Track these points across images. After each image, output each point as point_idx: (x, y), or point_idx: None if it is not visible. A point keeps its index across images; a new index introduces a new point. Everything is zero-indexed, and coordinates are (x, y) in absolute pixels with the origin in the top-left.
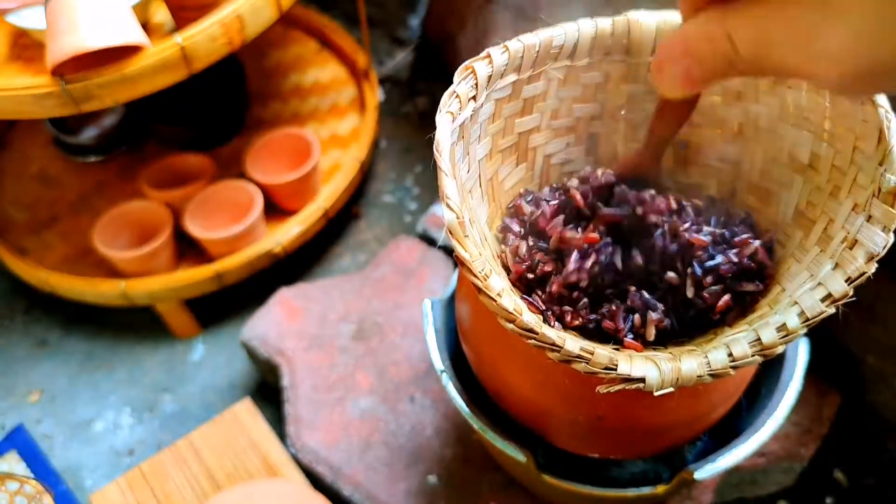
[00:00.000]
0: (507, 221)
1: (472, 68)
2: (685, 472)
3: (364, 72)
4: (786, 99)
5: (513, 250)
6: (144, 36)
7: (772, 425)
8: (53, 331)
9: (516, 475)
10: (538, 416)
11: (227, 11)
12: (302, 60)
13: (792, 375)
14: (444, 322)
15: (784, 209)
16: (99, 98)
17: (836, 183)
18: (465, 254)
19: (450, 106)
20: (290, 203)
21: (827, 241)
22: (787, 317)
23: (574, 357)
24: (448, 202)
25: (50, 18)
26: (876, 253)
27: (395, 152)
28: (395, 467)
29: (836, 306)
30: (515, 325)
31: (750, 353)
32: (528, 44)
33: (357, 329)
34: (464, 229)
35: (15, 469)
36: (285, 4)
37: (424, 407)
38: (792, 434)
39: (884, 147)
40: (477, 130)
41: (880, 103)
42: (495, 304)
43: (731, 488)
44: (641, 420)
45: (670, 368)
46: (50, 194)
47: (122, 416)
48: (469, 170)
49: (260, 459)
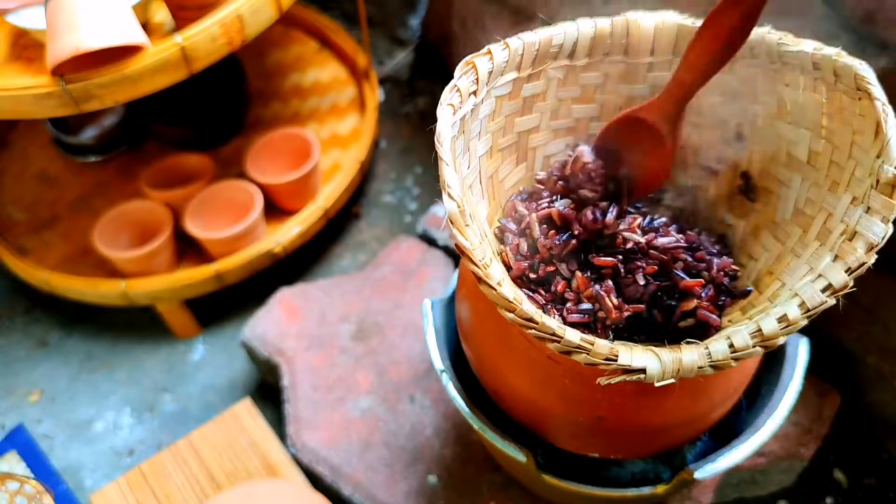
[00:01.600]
0: (503, 222)
1: (472, 63)
2: (685, 472)
3: (364, 72)
4: (783, 97)
5: (513, 248)
6: (144, 36)
7: (772, 425)
8: (53, 331)
9: (516, 475)
10: (538, 416)
11: (227, 11)
12: (302, 60)
13: (792, 375)
14: (444, 322)
15: (783, 207)
16: (99, 98)
17: (835, 178)
18: (465, 242)
19: (451, 99)
20: (290, 203)
21: (826, 235)
22: (787, 308)
23: (574, 347)
24: (449, 191)
25: (50, 18)
26: (876, 243)
27: (395, 152)
28: (395, 467)
29: (836, 297)
30: (515, 315)
31: (751, 343)
32: (528, 42)
33: (357, 329)
34: (464, 218)
35: (15, 469)
36: (285, 4)
37: (424, 407)
38: (792, 434)
39: (881, 139)
40: (477, 127)
41: (877, 96)
42: (496, 293)
43: (731, 488)
44: (641, 420)
45: (671, 359)
46: (50, 194)
47: (122, 416)
48: (469, 165)
49: (260, 459)
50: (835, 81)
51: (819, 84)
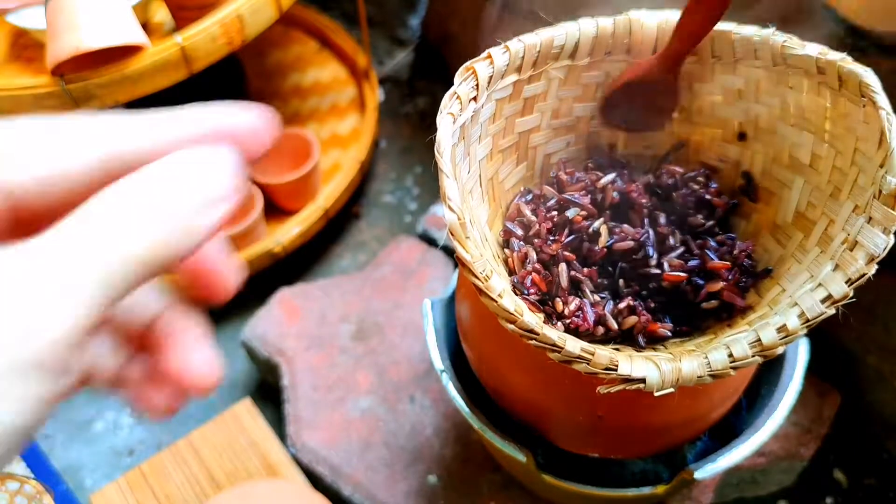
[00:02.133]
0: (508, 226)
1: (472, 69)
2: (685, 472)
3: (364, 72)
4: (786, 99)
5: (521, 257)
6: (144, 36)
7: (772, 425)
8: None
9: (516, 475)
10: (539, 416)
11: (227, 11)
12: (302, 60)
13: (792, 375)
14: (444, 322)
15: (784, 210)
16: (99, 98)
17: (837, 184)
18: (466, 255)
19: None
20: (290, 203)
21: (827, 242)
22: (787, 318)
23: (574, 358)
24: (449, 203)
25: (50, 18)
26: (876, 254)
27: (395, 152)
28: (395, 467)
29: (836, 307)
30: (516, 326)
31: (750, 353)
32: (528, 44)
33: (357, 329)
34: (465, 230)
35: (15, 469)
36: (285, 4)
37: (424, 407)
38: (792, 434)
39: (885, 149)
40: (478, 131)
41: (881, 105)
42: (496, 304)
43: (731, 488)
44: (642, 420)
45: (670, 369)
46: None
47: (122, 416)
48: (470, 170)
49: (260, 459)
50: (839, 87)
51: (823, 88)
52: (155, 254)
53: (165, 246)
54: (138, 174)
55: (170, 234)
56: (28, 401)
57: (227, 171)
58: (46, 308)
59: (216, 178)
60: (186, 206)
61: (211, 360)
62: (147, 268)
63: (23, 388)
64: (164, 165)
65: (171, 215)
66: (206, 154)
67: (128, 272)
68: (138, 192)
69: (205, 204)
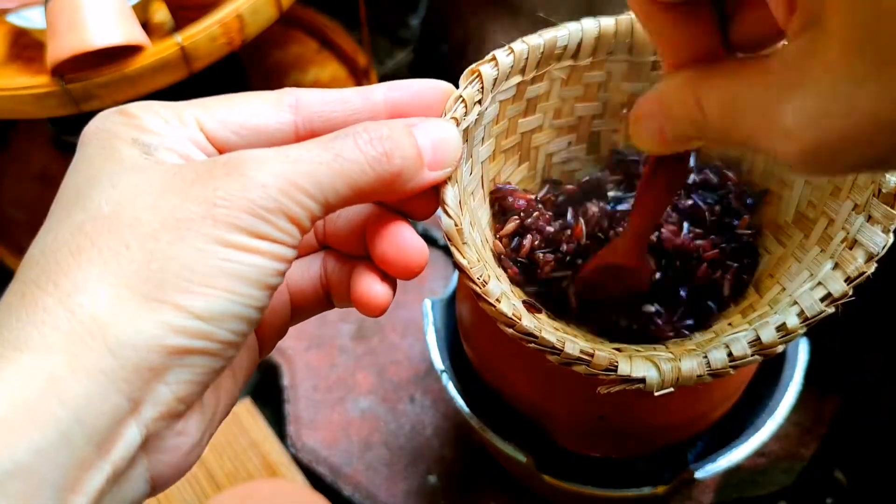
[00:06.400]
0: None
1: (478, 72)
2: (685, 472)
3: (364, 72)
4: None
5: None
6: (145, 36)
7: (772, 425)
8: None
9: (516, 475)
10: (539, 415)
11: (227, 11)
12: (302, 60)
13: (792, 375)
14: (444, 322)
15: (785, 209)
16: (99, 98)
17: (836, 183)
18: (462, 260)
19: (455, 111)
20: None
21: (827, 241)
22: (786, 316)
23: (574, 360)
24: (446, 209)
25: (50, 18)
26: (875, 253)
27: None
28: (395, 467)
29: (835, 306)
30: (515, 330)
31: (749, 352)
32: (532, 45)
33: (357, 329)
34: (462, 236)
35: None
36: (285, 4)
37: (424, 407)
38: (792, 434)
39: None
40: (481, 133)
41: None
42: (494, 309)
43: (731, 488)
44: (642, 420)
45: (670, 368)
46: (50, 194)
47: None
48: (472, 172)
49: (260, 459)
50: None
51: None
52: (365, 182)
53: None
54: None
55: (374, 175)
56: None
57: (452, 143)
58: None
59: (449, 146)
60: (413, 160)
61: (418, 240)
62: (357, 192)
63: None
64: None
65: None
66: (444, 125)
67: (342, 187)
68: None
69: (436, 165)
